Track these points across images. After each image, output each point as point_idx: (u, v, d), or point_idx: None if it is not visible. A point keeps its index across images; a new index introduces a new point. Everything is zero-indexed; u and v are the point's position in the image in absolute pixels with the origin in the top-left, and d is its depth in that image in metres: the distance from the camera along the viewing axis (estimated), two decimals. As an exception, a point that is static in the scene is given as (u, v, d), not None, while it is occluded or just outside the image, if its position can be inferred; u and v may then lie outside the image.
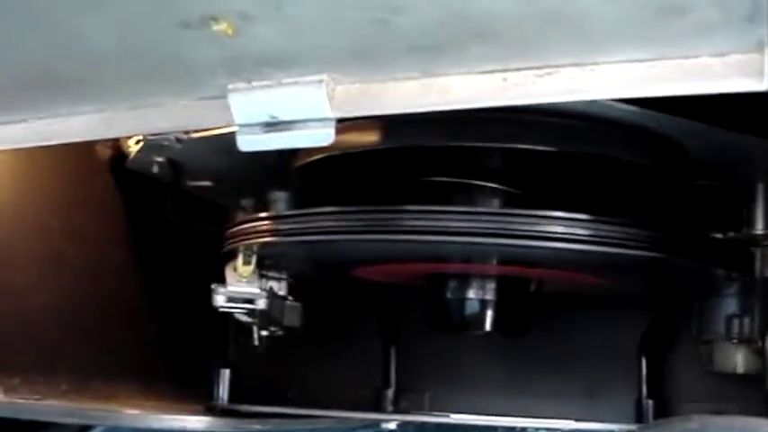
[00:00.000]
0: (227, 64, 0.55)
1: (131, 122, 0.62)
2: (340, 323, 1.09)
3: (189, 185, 0.99)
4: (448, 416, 0.86)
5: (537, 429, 1.14)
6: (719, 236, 0.85)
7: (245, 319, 0.90)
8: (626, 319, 0.96)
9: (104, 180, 0.99)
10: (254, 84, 0.56)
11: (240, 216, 1.05)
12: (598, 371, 0.98)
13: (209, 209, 1.06)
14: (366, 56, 0.53)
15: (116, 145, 0.97)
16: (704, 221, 0.86)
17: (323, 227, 0.71)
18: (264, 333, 0.92)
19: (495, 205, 0.75)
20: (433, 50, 0.52)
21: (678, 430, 0.63)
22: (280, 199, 0.92)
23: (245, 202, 1.04)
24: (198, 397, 1.02)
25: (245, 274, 0.81)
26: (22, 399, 0.82)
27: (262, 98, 0.57)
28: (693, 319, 0.90)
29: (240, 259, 0.79)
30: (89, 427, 1.43)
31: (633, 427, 0.73)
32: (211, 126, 0.60)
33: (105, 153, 0.98)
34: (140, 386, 1.01)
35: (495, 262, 0.79)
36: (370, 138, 0.72)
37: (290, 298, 0.91)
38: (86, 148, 0.96)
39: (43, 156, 0.91)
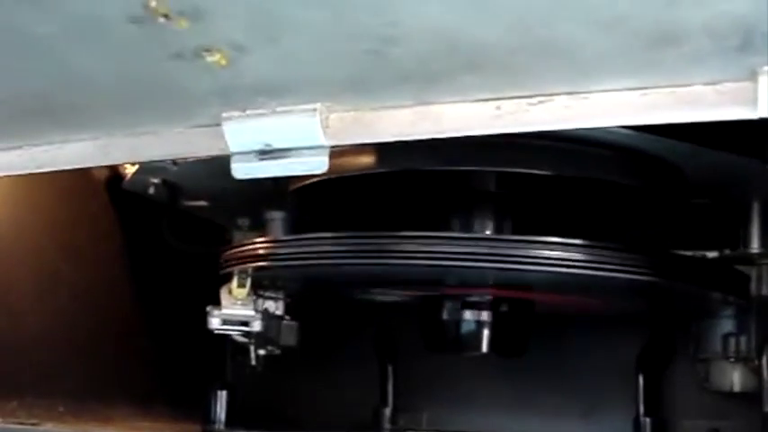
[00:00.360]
0: (222, 93, 0.55)
1: (126, 150, 0.63)
2: (337, 342, 1.09)
3: (185, 205, 0.99)
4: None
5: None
6: (716, 254, 0.86)
7: (241, 339, 0.89)
8: (623, 338, 0.96)
9: (100, 201, 0.99)
10: (248, 112, 0.57)
11: (236, 236, 1.06)
12: (596, 390, 0.98)
13: (206, 229, 1.06)
14: (360, 85, 0.53)
15: (112, 166, 0.98)
16: (700, 240, 0.86)
17: (318, 252, 0.71)
18: (261, 352, 0.91)
19: (490, 229, 0.75)
20: (427, 80, 0.52)
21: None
22: (276, 218, 0.91)
23: (241, 222, 1.04)
24: (195, 417, 1.02)
25: (239, 297, 0.80)
26: (20, 423, 0.81)
27: (256, 126, 0.57)
28: (690, 339, 0.90)
29: (235, 282, 0.79)
30: None
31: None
32: (206, 154, 0.60)
33: (101, 174, 0.98)
34: (137, 407, 1.01)
35: (490, 286, 0.79)
36: (365, 162, 0.72)
37: (286, 317, 0.90)
38: (82, 169, 0.96)
39: (40, 177, 0.90)
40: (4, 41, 0.53)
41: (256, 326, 0.82)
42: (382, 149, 0.71)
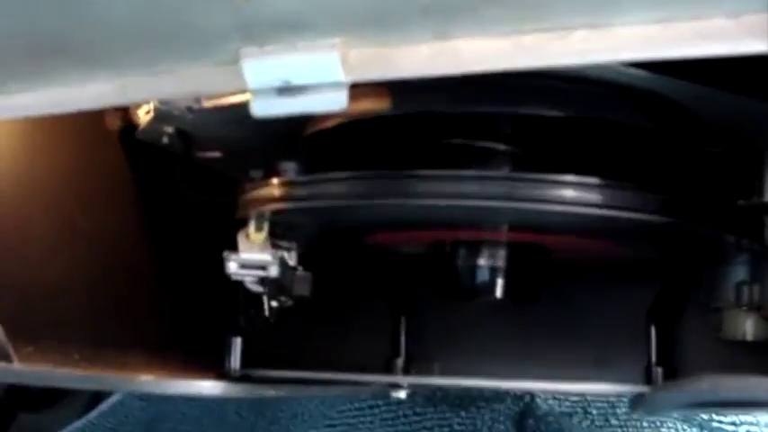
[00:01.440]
0: (240, 29, 0.55)
1: (143, 89, 0.62)
2: (349, 293, 1.09)
3: (198, 156, 1.00)
4: (458, 380, 0.87)
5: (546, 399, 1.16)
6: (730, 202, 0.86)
7: (255, 288, 0.90)
8: (636, 287, 0.96)
9: (115, 151, 1.00)
10: (266, 48, 0.57)
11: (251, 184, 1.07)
12: (608, 339, 0.98)
13: (221, 179, 1.07)
14: (380, 20, 0.53)
15: (126, 116, 0.98)
16: (714, 189, 0.86)
17: (335, 192, 0.71)
18: (274, 303, 0.92)
19: (506, 170, 0.75)
20: (447, 13, 0.52)
21: (689, 391, 0.63)
22: (289, 169, 0.91)
23: (255, 173, 1.04)
24: (208, 366, 1.03)
25: (257, 241, 0.81)
26: (35, 366, 0.83)
27: (274, 63, 0.57)
28: (703, 288, 0.91)
29: (252, 226, 0.80)
30: (100, 398, 1.46)
31: (644, 389, 0.73)
32: (224, 91, 0.60)
33: (115, 124, 0.99)
34: (151, 355, 1.02)
35: (505, 227, 0.79)
36: (379, 104, 0.72)
37: (299, 268, 0.91)
38: (96, 119, 0.97)
39: (54, 128, 0.91)
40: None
41: (273, 271, 0.83)
42: (395, 92, 0.72)
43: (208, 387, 0.77)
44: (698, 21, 0.49)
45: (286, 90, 0.58)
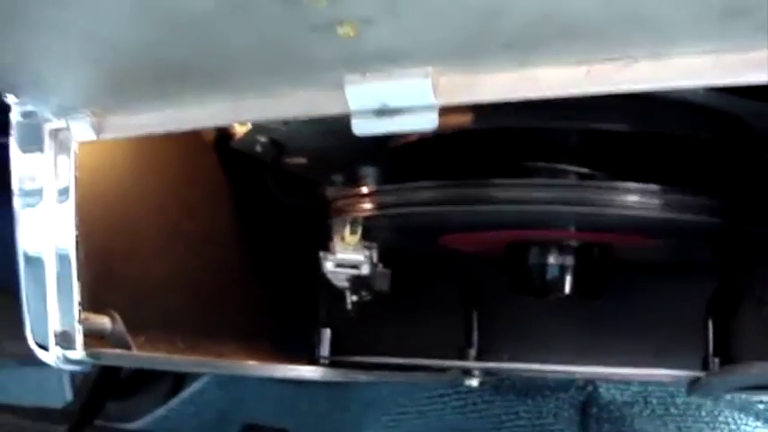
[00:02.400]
0: (345, 60, 0.64)
1: (257, 110, 0.71)
2: (425, 289, 1.16)
3: (285, 162, 1.07)
4: (528, 366, 0.94)
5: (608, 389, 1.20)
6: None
7: (341, 284, 0.97)
8: (694, 283, 1.02)
9: (211, 160, 1.08)
10: (367, 75, 0.65)
11: (330, 191, 1.14)
12: (667, 332, 1.04)
13: (304, 184, 1.15)
14: (467, 52, 0.61)
15: (221, 127, 1.06)
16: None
17: (423, 198, 0.79)
18: (355, 298, 0.99)
19: (573, 179, 0.82)
20: (526, 46, 0.60)
21: (740, 375, 0.69)
22: (369, 174, 0.99)
23: (336, 177, 1.13)
24: (294, 355, 1.11)
25: (351, 243, 0.89)
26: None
27: (374, 88, 0.65)
28: (756, 282, 0.96)
29: (348, 229, 0.88)
30: (180, 386, 1.51)
31: (700, 374, 0.80)
32: (329, 113, 0.68)
33: (211, 135, 1.08)
34: (244, 346, 1.10)
35: (573, 230, 0.87)
36: (458, 121, 0.80)
37: (380, 265, 0.98)
38: (195, 131, 1.06)
39: (158, 141, 1.00)
40: (161, 17, 0.61)
41: (365, 269, 0.91)
42: (474, 110, 0.79)
43: (306, 371, 0.85)
44: (746, 53, 0.56)
45: (383, 112, 0.66)
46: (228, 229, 1.11)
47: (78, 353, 0.84)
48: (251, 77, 0.69)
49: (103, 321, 0.89)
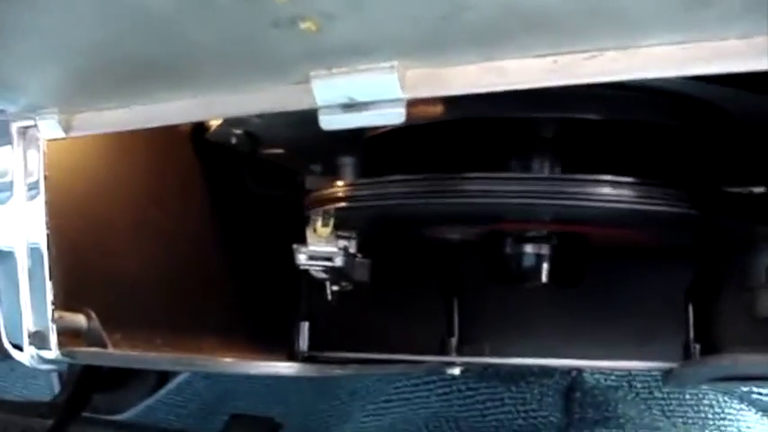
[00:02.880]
0: (310, 55, 0.63)
1: (225, 106, 0.71)
2: (405, 278, 1.16)
3: (263, 153, 1.07)
4: (509, 359, 0.93)
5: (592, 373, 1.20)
6: (762, 189, 0.91)
7: (319, 275, 0.97)
8: (673, 268, 1.02)
9: (186, 152, 1.07)
10: (333, 70, 0.64)
11: (309, 180, 1.14)
12: (648, 318, 1.04)
13: (283, 174, 1.14)
14: (433, 45, 0.60)
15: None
16: (747, 177, 0.92)
17: (395, 192, 0.79)
18: (335, 288, 0.99)
19: (546, 171, 0.82)
20: (492, 39, 0.59)
21: (712, 366, 0.69)
22: (347, 164, 0.98)
23: (314, 167, 1.12)
24: (274, 349, 1.11)
25: (324, 235, 0.88)
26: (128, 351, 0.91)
27: (340, 83, 0.64)
28: (736, 269, 0.96)
29: (320, 222, 0.87)
30: (167, 378, 1.51)
31: (674, 365, 0.79)
32: (296, 108, 0.67)
33: (186, 127, 1.07)
34: (223, 340, 1.10)
35: (548, 221, 0.86)
36: (432, 111, 0.79)
37: (359, 255, 0.97)
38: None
39: (131, 135, 0.99)
40: (123, 15, 0.61)
41: (338, 261, 0.90)
42: (447, 101, 0.79)
43: (283, 367, 0.84)
44: (713, 42, 0.55)
45: (350, 106, 0.65)
46: (205, 222, 1.10)
47: (53, 352, 0.84)
48: (217, 74, 0.68)
49: (78, 319, 0.88)
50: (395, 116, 0.64)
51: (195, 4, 0.57)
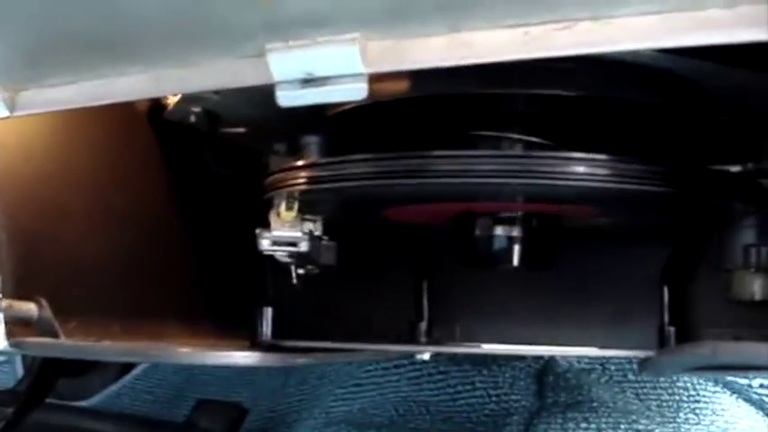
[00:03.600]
0: (265, 26, 0.59)
1: (175, 82, 0.66)
2: (373, 260, 1.13)
3: (224, 132, 1.03)
4: (479, 346, 0.91)
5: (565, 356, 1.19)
6: (739, 168, 0.89)
7: (284, 259, 0.94)
8: (648, 250, 0.99)
9: (145, 131, 1.04)
10: (290, 43, 0.60)
11: (273, 160, 1.10)
12: (622, 300, 1.02)
13: (244, 154, 1.10)
14: (395, 16, 0.57)
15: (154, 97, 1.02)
16: (725, 155, 0.89)
17: (359, 173, 0.75)
18: (301, 272, 0.96)
19: (518, 149, 0.79)
20: (459, 8, 0.55)
21: (690, 355, 0.67)
22: (312, 143, 0.94)
23: (278, 147, 1.08)
24: (241, 334, 1.08)
25: (287, 219, 0.84)
26: (81, 341, 0.87)
27: (298, 56, 0.60)
28: (712, 250, 0.94)
29: (283, 205, 0.83)
30: (132, 365, 1.49)
31: (650, 353, 0.77)
32: (252, 83, 0.64)
33: (144, 105, 1.03)
34: (186, 326, 1.07)
35: (520, 201, 0.83)
36: (397, 87, 0.75)
37: (325, 238, 0.94)
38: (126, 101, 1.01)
39: (86, 111, 0.95)
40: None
41: (303, 246, 0.87)
42: (413, 76, 0.75)
43: (241, 357, 0.81)
44: (695, 11, 0.52)
45: (309, 81, 0.61)
46: (165, 204, 1.06)
47: (1, 343, 0.80)
48: (167, 47, 0.64)
49: (29, 308, 0.85)
50: (357, 92, 0.60)
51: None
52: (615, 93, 0.75)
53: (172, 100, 0.98)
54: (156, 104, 1.02)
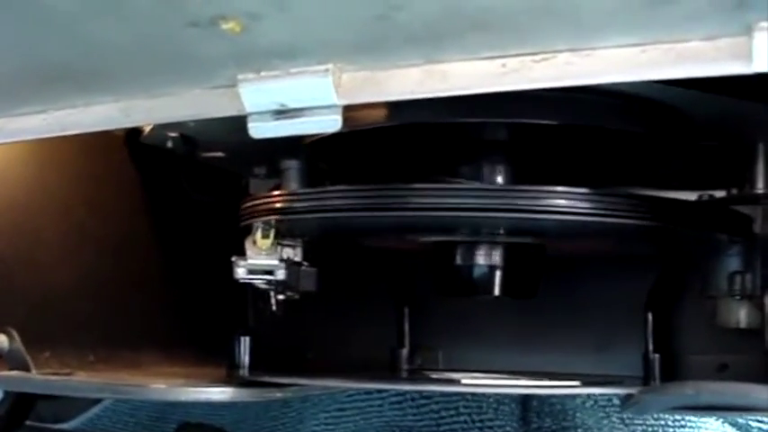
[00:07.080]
0: (237, 57, 0.58)
1: (146, 111, 0.65)
2: (354, 287, 1.11)
3: (202, 156, 1.01)
4: (459, 382, 0.89)
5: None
6: (723, 194, 0.88)
7: (263, 286, 0.92)
8: (632, 277, 0.98)
9: (121, 155, 1.02)
10: (263, 74, 0.59)
11: (253, 183, 1.08)
12: (606, 328, 1.01)
13: (222, 178, 1.09)
14: (369, 47, 0.55)
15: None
16: (709, 181, 0.88)
17: (336, 204, 0.73)
18: (281, 297, 0.94)
19: (499, 178, 0.77)
20: (434, 41, 0.54)
21: (674, 395, 0.65)
22: (291, 167, 0.93)
23: (258, 170, 1.07)
24: (218, 362, 1.06)
25: (264, 247, 0.83)
26: (54, 374, 0.85)
27: (271, 87, 0.59)
28: (698, 277, 0.92)
29: (259, 233, 0.82)
30: None
31: (633, 390, 0.75)
32: (223, 114, 0.62)
33: (121, 130, 1.01)
34: (164, 354, 1.05)
35: (501, 233, 0.81)
36: (376, 116, 0.74)
37: (305, 264, 0.92)
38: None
39: (61, 138, 0.94)
40: (26, 16, 0.55)
41: (280, 274, 0.85)
42: (393, 105, 0.73)
43: (216, 393, 0.79)
44: (675, 44, 0.51)
45: (282, 113, 0.60)
46: (142, 229, 1.04)
47: (-31, 377, 0.78)
48: (136, 77, 0.62)
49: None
50: (330, 123, 0.59)
51: (102, 1, 0.51)
52: (596, 122, 0.73)
53: (148, 125, 0.96)
54: (133, 129, 1.00)
